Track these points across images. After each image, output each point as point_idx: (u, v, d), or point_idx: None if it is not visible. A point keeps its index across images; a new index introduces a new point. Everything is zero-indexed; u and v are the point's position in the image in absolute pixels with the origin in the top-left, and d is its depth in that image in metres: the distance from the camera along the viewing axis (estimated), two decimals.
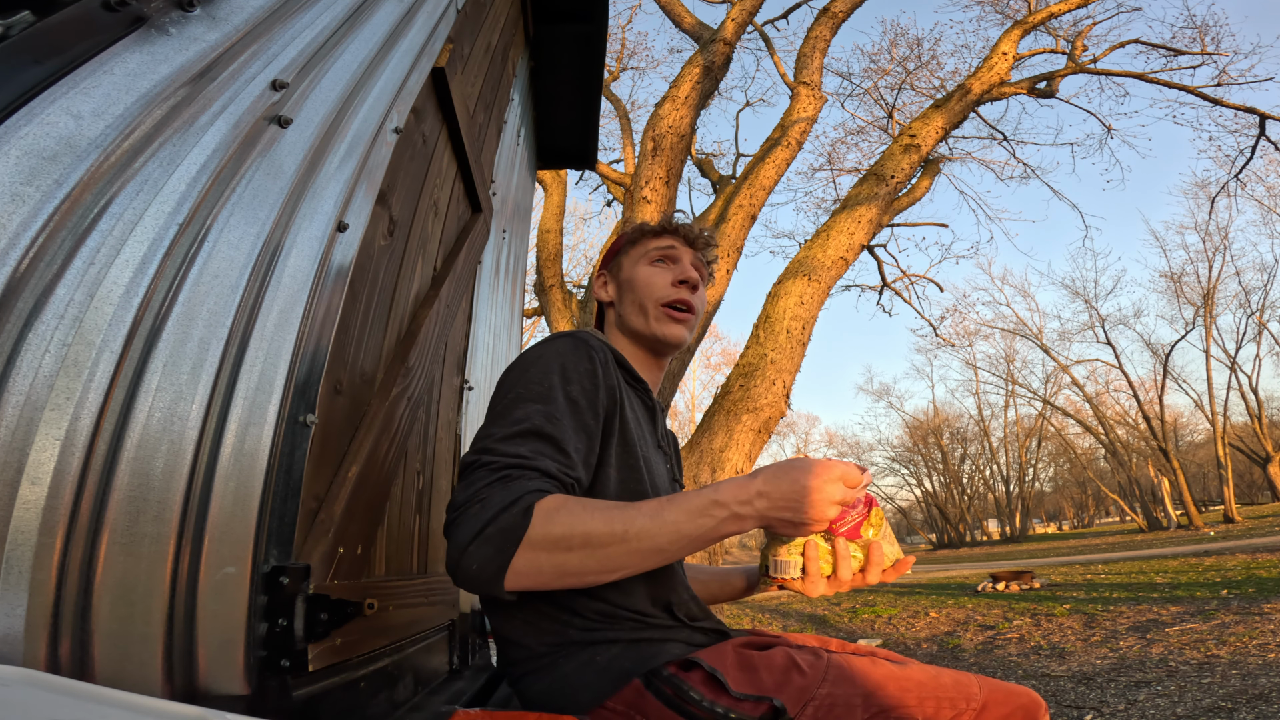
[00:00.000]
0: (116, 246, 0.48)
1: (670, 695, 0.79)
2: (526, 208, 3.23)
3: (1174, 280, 26.37)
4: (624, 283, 1.11)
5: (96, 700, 0.33)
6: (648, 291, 1.07)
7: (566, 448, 0.80)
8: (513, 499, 0.70)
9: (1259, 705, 2.97)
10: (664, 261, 1.10)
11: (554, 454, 0.78)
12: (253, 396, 0.67)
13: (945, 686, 0.84)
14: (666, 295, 1.07)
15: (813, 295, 5.55)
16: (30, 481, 0.41)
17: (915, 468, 45.93)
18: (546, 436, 0.79)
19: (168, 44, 0.56)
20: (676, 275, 1.08)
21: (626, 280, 1.11)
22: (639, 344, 1.09)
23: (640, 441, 0.95)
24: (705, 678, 0.81)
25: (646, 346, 1.09)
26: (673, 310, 1.07)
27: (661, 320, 1.06)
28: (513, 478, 0.72)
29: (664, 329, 1.06)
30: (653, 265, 1.10)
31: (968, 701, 0.83)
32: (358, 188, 0.93)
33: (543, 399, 0.82)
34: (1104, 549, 18.22)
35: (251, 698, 0.65)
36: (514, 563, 0.69)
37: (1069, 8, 8.19)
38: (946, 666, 0.92)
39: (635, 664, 0.81)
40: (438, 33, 1.34)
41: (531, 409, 0.80)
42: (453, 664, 1.51)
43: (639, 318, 1.07)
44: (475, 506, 0.70)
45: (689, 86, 5.86)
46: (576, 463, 0.80)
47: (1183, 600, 6.29)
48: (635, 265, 1.11)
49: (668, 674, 0.80)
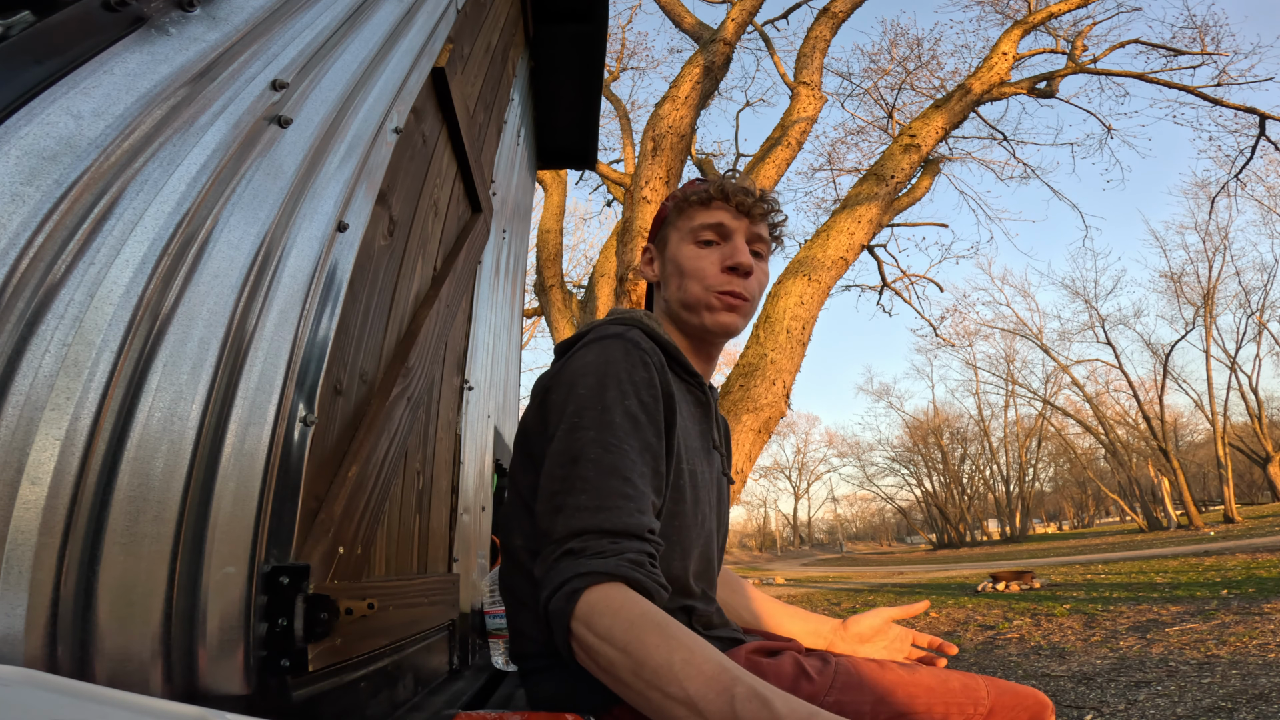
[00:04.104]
0: (116, 246, 0.48)
1: None
2: (527, 208, 3.23)
3: (1174, 280, 26.39)
4: (669, 262, 0.98)
5: (96, 700, 0.33)
6: (694, 277, 0.95)
7: (627, 475, 0.74)
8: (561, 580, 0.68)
9: (1259, 705, 2.97)
10: (713, 241, 0.96)
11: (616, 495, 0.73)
12: (253, 396, 0.67)
13: (953, 691, 0.84)
14: (716, 284, 0.94)
15: (813, 295, 5.54)
16: (30, 481, 0.41)
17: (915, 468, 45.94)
18: (607, 472, 0.74)
19: (168, 44, 0.56)
20: (726, 259, 0.94)
21: (671, 260, 0.98)
22: (688, 331, 0.98)
23: (688, 452, 0.88)
24: None
25: (696, 336, 0.98)
26: (725, 297, 0.94)
27: (713, 309, 0.94)
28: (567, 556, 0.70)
29: (714, 318, 0.94)
30: (700, 246, 0.96)
31: (975, 705, 0.83)
32: (358, 188, 0.93)
33: (600, 426, 0.76)
34: (1104, 549, 18.21)
35: (251, 697, 0.65)
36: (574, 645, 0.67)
37: (1069, 8, 8.19)
38: (950, 668, 0.92)
39: None
40: (438, 33, 1.34)
41: (588, 438, 0.75)
42: (453, 664, 1.51)
43: (685, 308, 0.96)
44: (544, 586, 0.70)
45: (689, 86, 5.86)
46: (639, 488, 0.75)
47: (1183, 600, 6.29)
48: (681, 243, 0.97)
49: None
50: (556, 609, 0.67)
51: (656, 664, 0.60)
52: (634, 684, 0.62)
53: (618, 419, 0.77)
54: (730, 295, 0.94)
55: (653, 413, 0.80)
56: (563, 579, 0.68)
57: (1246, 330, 26.21)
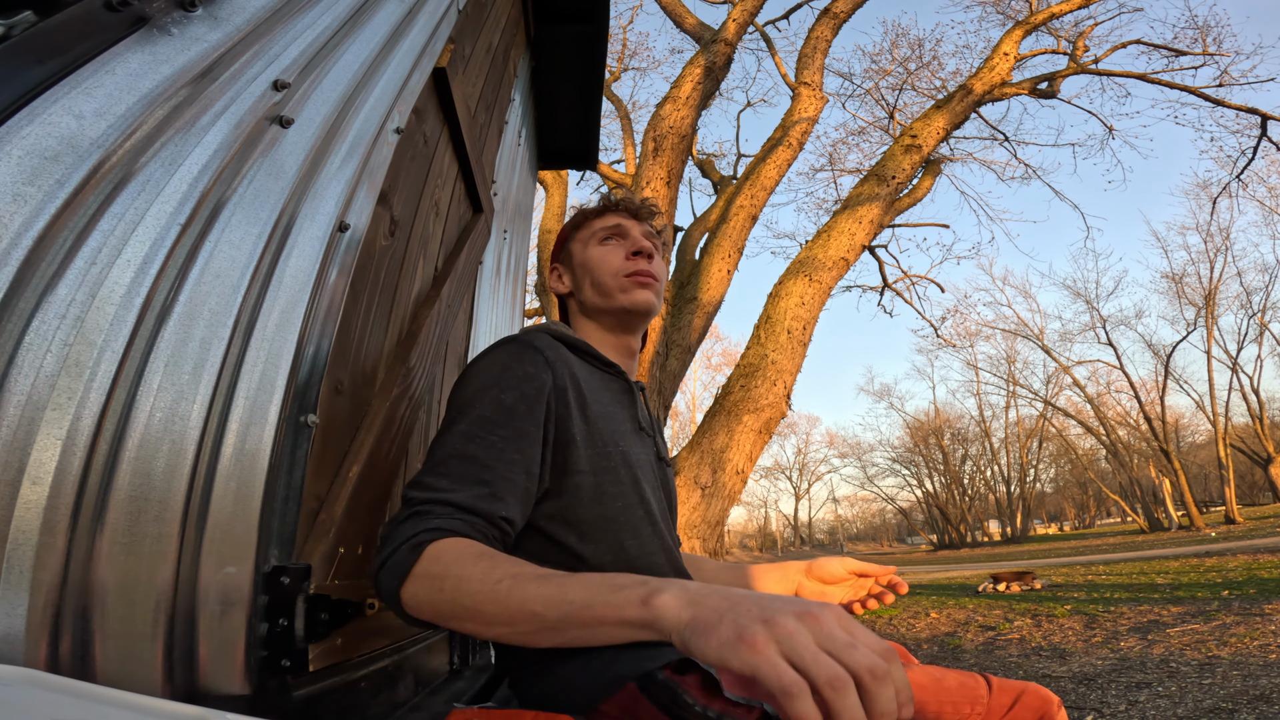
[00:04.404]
0: (118, 246, 0.49)
1: (665, 700, 0.79)
2: (528, 208, 3.24)
3: (1175, 281, 26.37)
4: (578, 268, 1.08)
5: (97, 700, 0.33)
6: (604, 268, 1.04)
7: (488, 462, 0.78)
8: (411, 534, 0.70)
9: (1260, 706, 2.97)
10: (613, 239, 1.08)
11: (472, 481, 0.77)
12: (254, 396, 0.67)
13: (949, 689, 0.83)
14: (624, 267, 1.04)
15: (814, 296, 5.54)
16: (32, 481, 0.41)
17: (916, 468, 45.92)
18: (467, 458, 0.78)
19: (169, 44, 0.56)
20: (629, 248, 1.06)
21: (580, 265, 1.08)
22: (606, 323, 1.06)
23: (614, 433, 0.93)
24: (701, 681, 0.80)
25: (615, 323, 1.06)
26: (636, 276, 1.03)
27: (627, 289, 1.03)
28: (417, 516, 0.73)
29: (629, 297, 1.03)
30: (603, 244, 1.07)
31: (973, 704, 0.82)
32: (359, 188, 0.93)
33: (474, 418, 0.81)
34: (1105, 550, 18.20)
35: (252, 697, 0.65)
36: (405, 594, 0.68)
37: (1071, 8, 8.19)
38: (949, 667, 0.92)
39: (630, 667, 0.81)
40: (439, 33, 1.34)
41: (457, 430, 0.80)
42: (453, 664, 1.51)
43: (600, 296, 1.05)
44: (386, 542, 0.72)
45: (690, 87, 5.86)
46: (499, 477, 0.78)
47: (1184, 601, 6.28)
48: (586, 248, 1.08)
49: (663, 678, 0.80)
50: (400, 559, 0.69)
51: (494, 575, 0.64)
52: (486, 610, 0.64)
53: (489, 411, 0.81)
54: (640, 274, 1.03)
55: (532, 403, 0.84)
56: (409, 534, 0.70)
57: (1248, 331, 26.20)
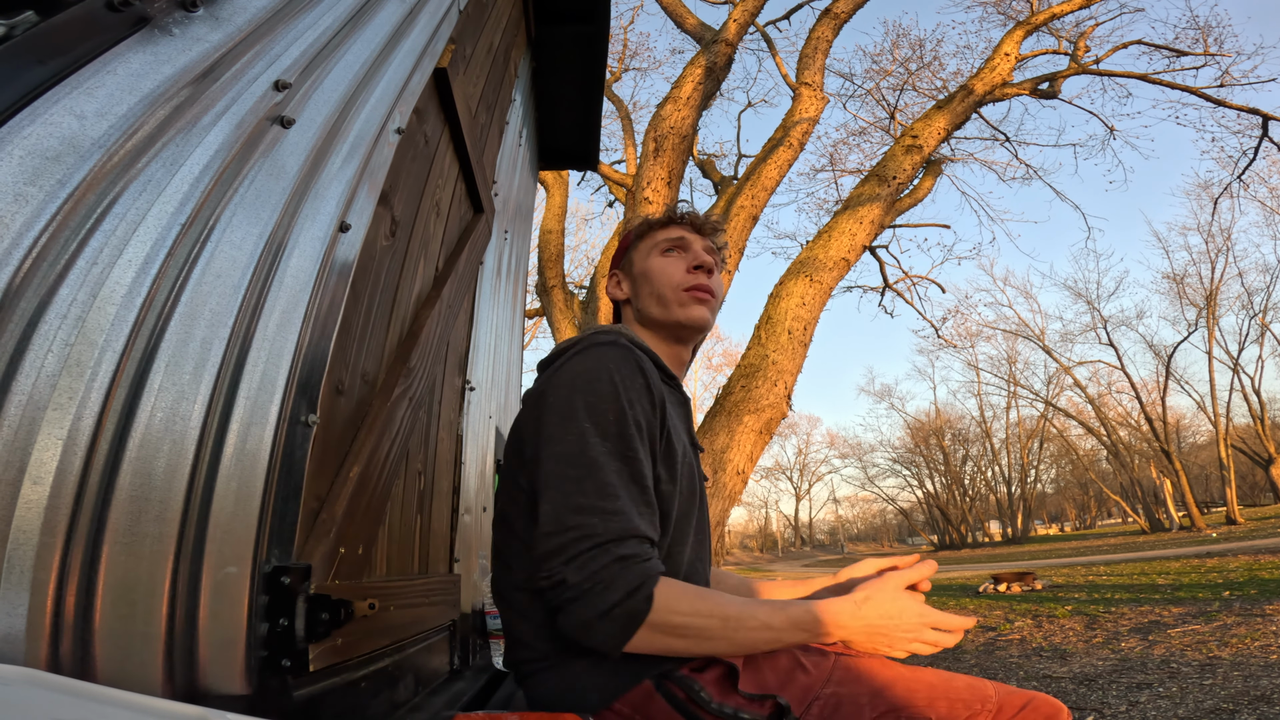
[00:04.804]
0: (119, 246, 0.49)
1: (681, 698, 0.79)
2: (528, 208, 3.24)
3: (1176, 281, 26.34)
4: (638, 276, 1.09)
5: (98, 700, 0.33)
6: (664, 280, 1.05)
7: (646, 484, 0.83)
8: (635, 585, 0.76)
9: (1260, 707, 2.97)
10: (675, 251, 1.09)
11: (641, 504, 0.81)
12: (255, 396, 0.67)
13: (957, 689, 0.83)
14: (683, 281, 1.05)
15: (814, 296, 5.54)
16: (32, 481, 0.41)
17: (917, 469, 45.88)
18: (630, 480, 0.81)
19: (171, 44, 0.56)
20: (690, 261, 1.07)
21: (640, 274, 1.09)
22: (662, 334, 1.07)
23: (683, 446, 0.95)
24: (720, 675, 0.81)
25: (669, 335, 1.07)
26: (694, 292, 1.05)
27: (685, 304, 1.04)
28: (629, 561, 0.76)
29: (686, 312, 1.04)
30: (664, 255, 1.08)
31: (982, 704, 0.82)
32: (360, 188, 0.93)
33: (615, 435, 0.82)
34: (1106, 550, 18.19)
35: (252, 697, 0.65)
36: (633, 641, 0.76)
37: (1072, 8, 8.18)
38: (948, 669, 0.93)
39: (645, 665, 0.81)
40: (440, 33, 1.34)
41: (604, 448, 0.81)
42: (453, 664, 1.51)
43: (658, 307, 1.05)
44: (599, 589, 0.75)
45: (691, 87, 5.86)
46: (653, 498, 0.83)
47: (1185, 601, 6.28)
48: (647, 258, 1.09)
49: (680, 675, 0.81)
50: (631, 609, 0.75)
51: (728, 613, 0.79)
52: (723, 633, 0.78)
53: (627, 427, 0.82)
54: (698, 289, 1.05)
55: (650, 419, 0.86)
56: (633, 585, 0.76)
57: (1249, 332, 26.17)
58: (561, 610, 0.77)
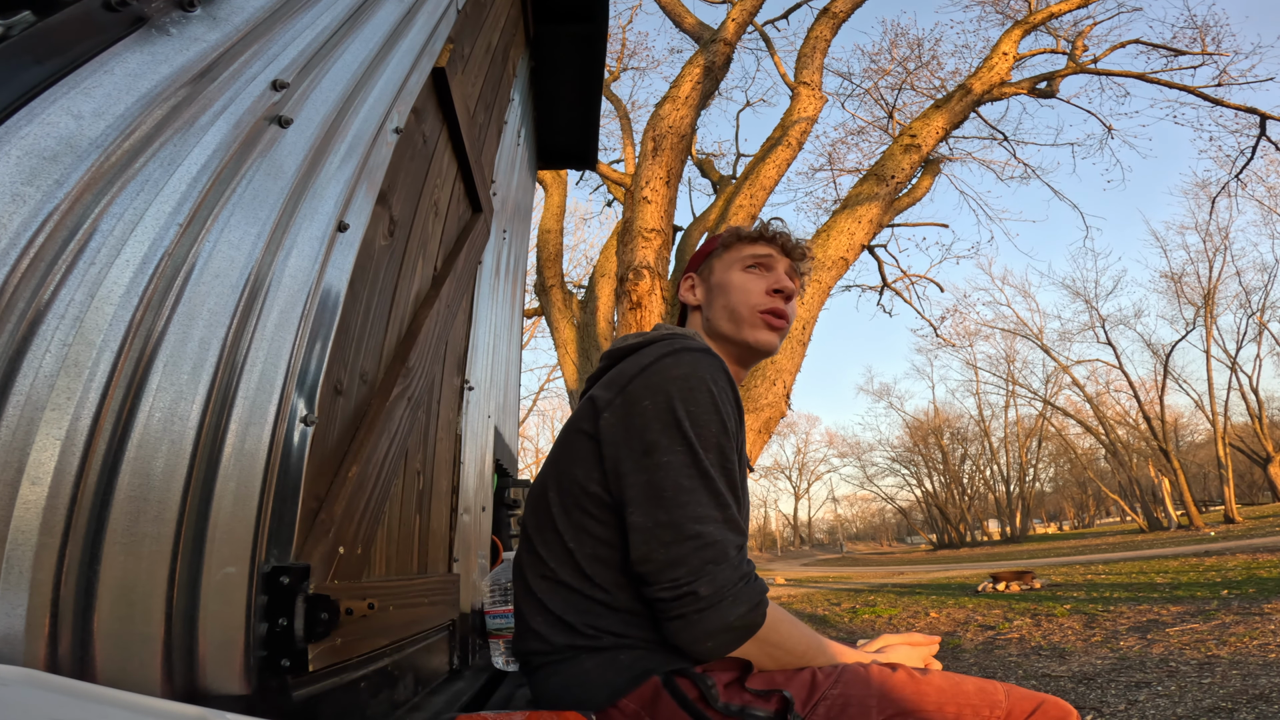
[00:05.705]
0: (117, 246, 0.48)
1: (690, 696, 0.80)
2: (527, 208, 3.24)
3: (1174, 280, 26.37)
4: (715, 286, 1.07)
5: (97, 700, 0.33)
6: (742, 297, 1.03)
7: (740, 495, 0.86)
8: (757, 601, 0.80)
9: (1259, 705, 2.97)
10: (758, 268, 1.06)
11: (743, 516, 0.86)
12: (253, 396, 0.67)
13: (967, 693, 0.83)
14: (761, 303, 1.03)
15: (813, 295, 5.54)
16: (31, 481, 0.41)
17: (916, 468, 45.93)
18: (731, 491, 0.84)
19: (168, 44, 0.56)
20: (771, 283, 1.04)
21: (718, 284, 1.07)
22: (726, 350, 1.06)
23: (744, 457, 0.96)
24: (734, 675, 0.82)
25: (733, 354, 1.06)
26: (769, 316, 1.03)
27: (756, 326, 1.03)
28: (750, 576, 0.81)
29: (757, 335, 1.03)
30: (746, 271, 1.06)
31: (992, 708, 0.82)
32: (358, 188, 0.93)
33: (717, 447, 0.84)
34: (1104, 549, 18.21)
35: (252, 697, 0.65)
36: (742, 649, 0.81)
37: (1070, 8, 8.18)
38: (949, 669, 0.93)
39: (657, 664, 0.82)
40: (438, 33, 1.34)
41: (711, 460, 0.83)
42: (453, 664, 1.51)
43: (729, 323, 1.04)
44: (728, 603, 0.79)
45: (689, 86, 5.86)
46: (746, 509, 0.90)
47: (1183, 600, 6.29)
48: (728, 270, 1.07)
49: (695, 672, 0.81)
50: (751, 623, 0.80)
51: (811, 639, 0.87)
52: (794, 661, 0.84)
53: (727, 439, 0.85)
54: (772, 314, 1.03)
55: (738, 433, 0.89)
56: (755, 600, 0.80)
57: (1247, 330, 26.21)
58: (682, 619, 0.78)
